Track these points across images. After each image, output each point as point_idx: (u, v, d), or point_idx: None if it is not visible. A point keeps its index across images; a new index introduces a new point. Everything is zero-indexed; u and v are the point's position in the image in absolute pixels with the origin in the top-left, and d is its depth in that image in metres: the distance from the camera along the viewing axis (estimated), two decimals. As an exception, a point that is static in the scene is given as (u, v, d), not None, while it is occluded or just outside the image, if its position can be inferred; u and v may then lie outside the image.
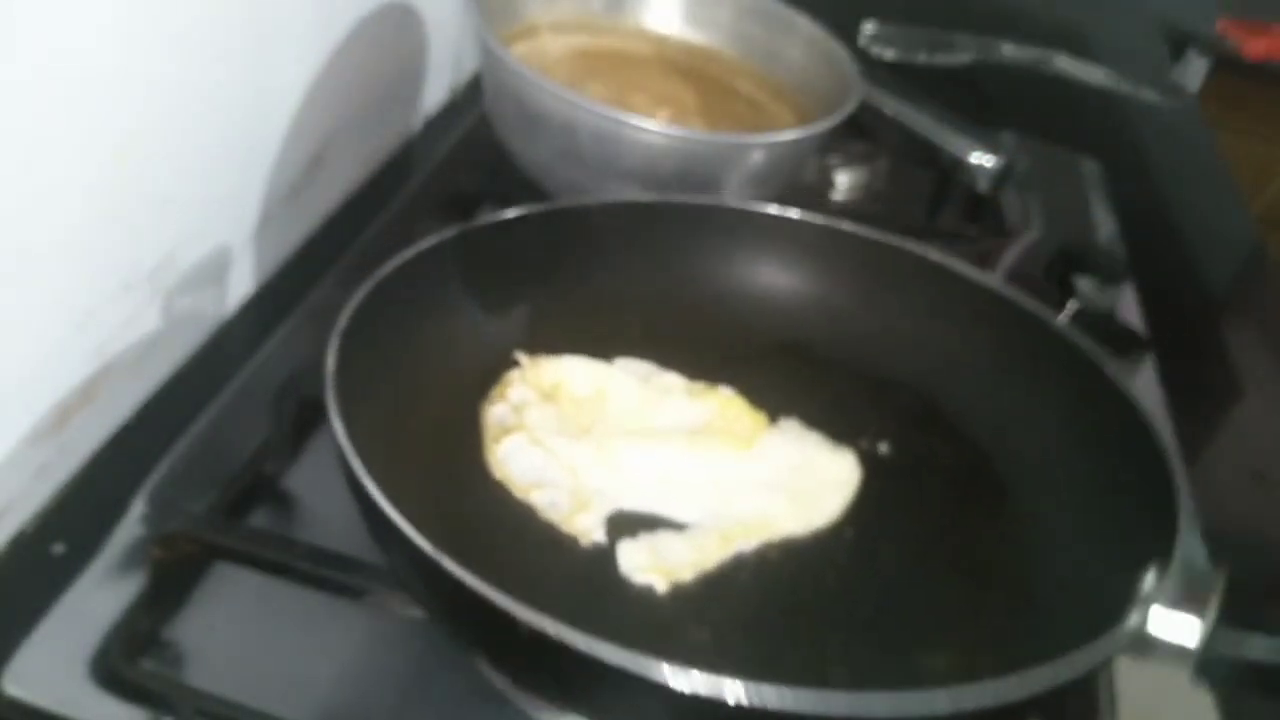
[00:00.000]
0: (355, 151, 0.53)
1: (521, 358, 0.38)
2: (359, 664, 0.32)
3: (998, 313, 0.40)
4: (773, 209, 0.43)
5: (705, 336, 0.41)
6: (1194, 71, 0.92)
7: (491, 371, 0.38)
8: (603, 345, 0.40)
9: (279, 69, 0.44)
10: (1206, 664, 0.30)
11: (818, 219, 0.43)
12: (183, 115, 0.38)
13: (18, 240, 0.32)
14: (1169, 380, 0.51)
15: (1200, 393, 0.55)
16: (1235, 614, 0.30)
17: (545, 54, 0.52)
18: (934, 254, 0.42)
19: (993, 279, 0.41)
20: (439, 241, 0.36)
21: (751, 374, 0.40)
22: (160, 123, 0.37)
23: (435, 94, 0.61)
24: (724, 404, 0.38)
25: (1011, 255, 0.55)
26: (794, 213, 0.43)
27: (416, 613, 0.32)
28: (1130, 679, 0.36)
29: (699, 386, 0.39)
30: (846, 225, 0.42)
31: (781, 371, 0.41)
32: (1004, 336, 0.40)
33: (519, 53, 0.49)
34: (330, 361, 0.30)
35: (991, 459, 0.39)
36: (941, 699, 0.25)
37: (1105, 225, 0.65)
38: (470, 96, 0.63)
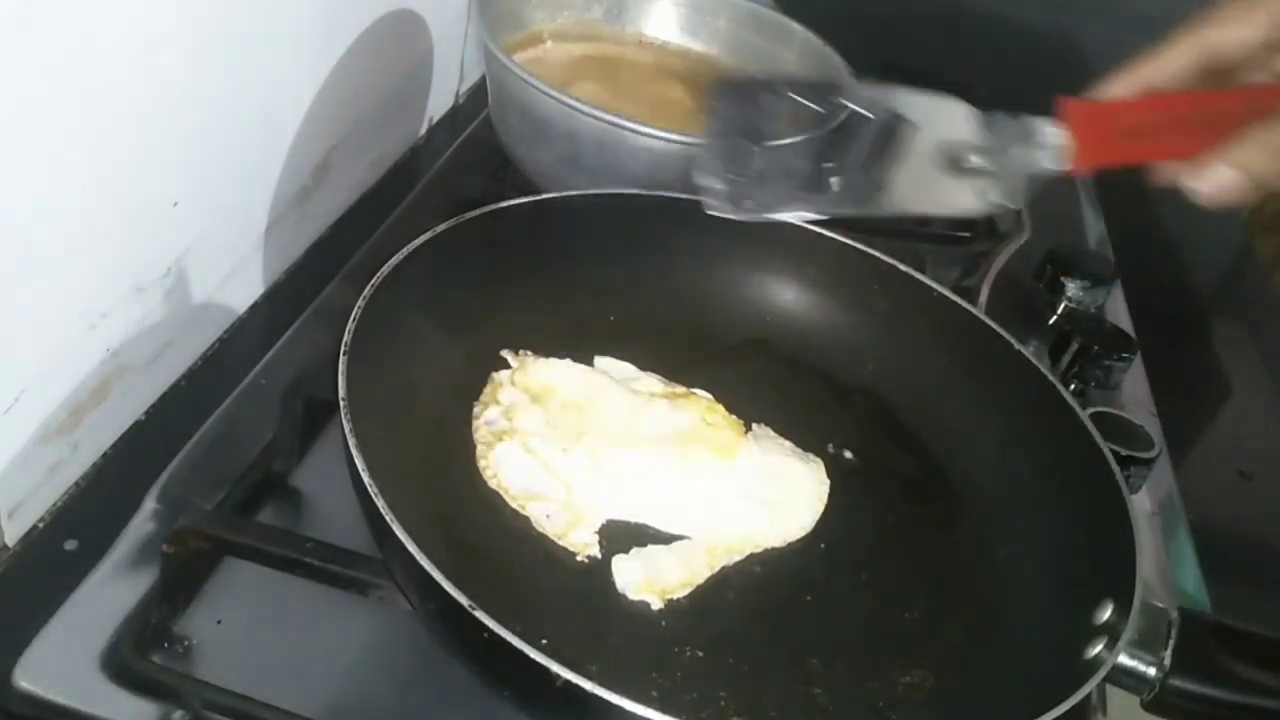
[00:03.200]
0: (362, 156, 0.54)
1: (509, 357, 0.39)
2: (365, 657, 0.33)
3: (957, 326, 0.41)
4: None
5: (676, 333, 0.43)
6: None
7: (478, 370, 0.39)
8: (582, 341, 0.41)
9: (288, 75, 0.44)
10: (1160, 699, 0.31)
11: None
12: (193, 122, 0.38)
13: (31, 243, 0.32)
14: (1157, 380, 0.52)
15: (1188, 393, 0.56)
16: (1196, 643, 0.31)
17: (548, 61, 0.53)
18: (901, 263, 0.42)
19: (954, 294, 0.42)
20: (422, 242, 0.37)
21: (721, 373, 0.41)
22: (171, 129, 0.37)
23: (440, 101, 0.62)
24: (705, 411, 0.39)
25: (1003, 258, 0.56)
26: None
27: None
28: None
29: (678, 390, 0.40)
30: (814, 227, 0.43)
31: (748, 371, 0.42)
32: (961, 349, 0.41)
33: (522, 60, 0.50)
34: (342, 387, 0.31)
35: (945, 469, 0.40)
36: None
37: (1094, 228, 0.66)
38: (475, 103, 0.63)
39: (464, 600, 0.26)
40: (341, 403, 0.30)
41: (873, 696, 0.32)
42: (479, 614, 0.26)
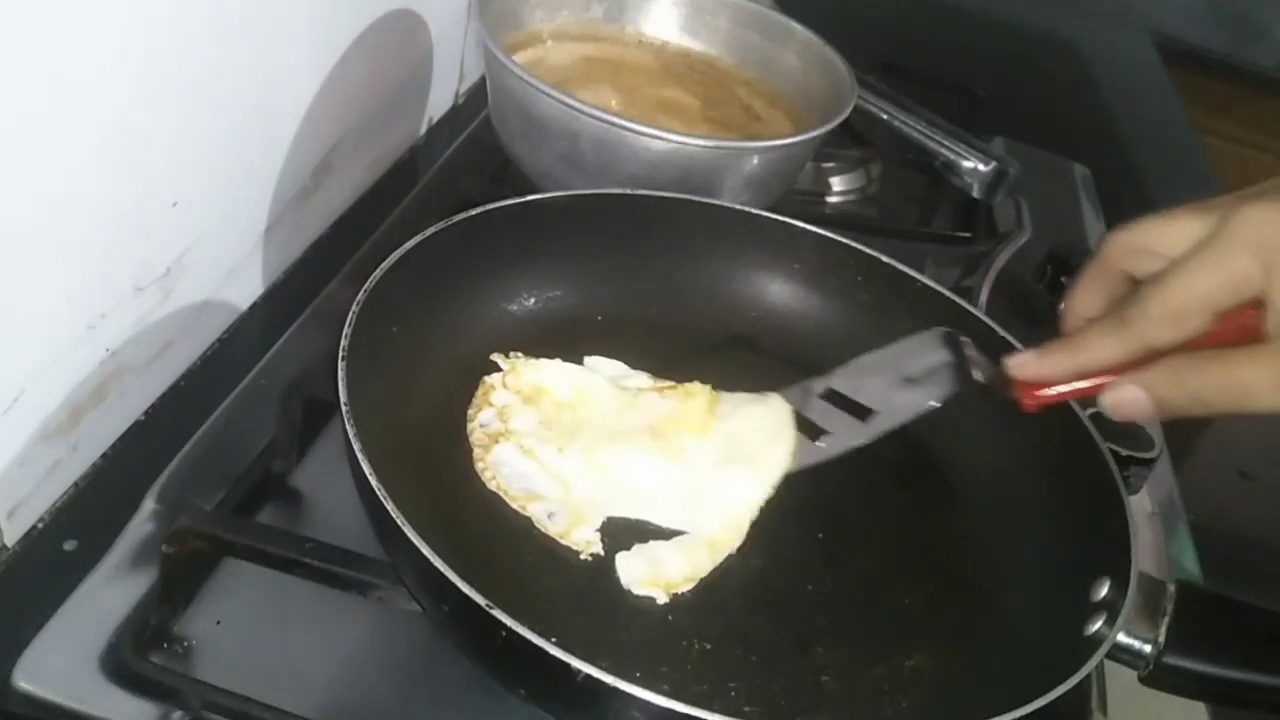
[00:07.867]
0: (362, 156, 0.54)
1: (499, 360, 0.39)
2: (365, 657, 0.33)
3: (939, 316, 0.41)
4: (730, 204, 0.44)
5: (664, 330, 0.43)
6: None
7: (470, 372, 0.39)
8: (571, 341, 0.41)
9: (288, 75, 0.44)
10: (1156, 675, 0.31)
11: (771, 215, 0.44)
12: (194, 120, 0.38)
13: (31, 242, 0.32)
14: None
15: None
16: (1192, 623, 0.31)
17: (547, 61, 0.53)
18: (883, 256, 0.43)
19: (935, 283, 0.42)
20: (414, 245, 0.37)
21: (710, 368, 0.41)
22: (172, 127, 0.37)
23: (440, 101, 0.62)
24: (684, 395, 0.39)
25: (1003, 258, 0.56)
26: (751, 208, 0.44)
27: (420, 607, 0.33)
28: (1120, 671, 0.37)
29: (666, 385, 0.40)
30: (797, 222, 0.44)
31: (736, 365, 0.42)
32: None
33: (522, 60, 0.50)
34: (342, 393, 0.31)
35: (934, 456, 0.40)
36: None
37: (1094, 228, 0.66)
38: (474, 103, 0.63)
39: (481, 600, 0.26)
40: (344, 408, 0.30)
41: (878, 681, 0.33)
42: (496, 613, 0.26)
